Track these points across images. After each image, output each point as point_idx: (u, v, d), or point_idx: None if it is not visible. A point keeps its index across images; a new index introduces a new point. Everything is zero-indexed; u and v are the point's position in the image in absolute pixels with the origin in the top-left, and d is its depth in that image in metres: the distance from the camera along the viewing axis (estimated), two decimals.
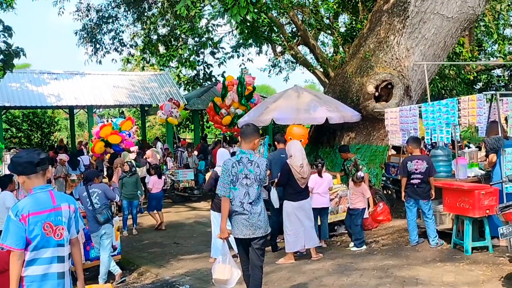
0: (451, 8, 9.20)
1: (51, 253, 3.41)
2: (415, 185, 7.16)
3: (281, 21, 18.69)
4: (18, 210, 3.34)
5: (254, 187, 4.73)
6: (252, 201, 4.71)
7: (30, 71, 21.52)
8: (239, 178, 4.72)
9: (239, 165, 4.74)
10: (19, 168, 3.48)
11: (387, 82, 9.43)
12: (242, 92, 13.41)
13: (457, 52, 14.68)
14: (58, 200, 3.51)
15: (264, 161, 4.89)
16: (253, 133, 4.89)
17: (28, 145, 24.55)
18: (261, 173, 4.77)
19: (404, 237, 7.75)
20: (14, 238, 3.30)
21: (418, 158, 7.21)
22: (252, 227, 4.72)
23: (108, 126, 13.81)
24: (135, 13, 18.06)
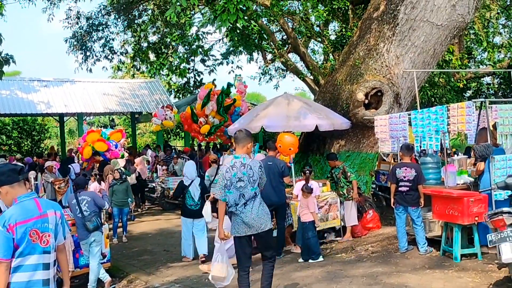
0: (441, 16, 9.27)
1: (37, 259, 3.40)
2: (404, 193, 7.17)
3: (271, 29, 18.78)
4: (5, 220, 3.30)
5: (248, 189, 5.00)
6: (246, 201, 5.00)
7: (20, 78, 21.40)
8: (233, 182, 4.99)
9: (233, 170, 5.02)
10: (2, 177, 3.45)
11: (376, 90, 9.47)
12: (221, 102, 13.48)
13: (447, 59, 14.80)
14: (44, 207, 3.51)
15: (257, 163, 5.14)
16: (246, 138, 5.17)
17: (19, 152, 24.33)
18: (254, 175, 5.02)
19: (394, 244, 7.74)
20: (1, 248, 3.27)
21: (407, 165, 7.23)
22: (247, 226, 5.00)
23: (96, 132, 13.69)
24: (125, 20, 18.03)
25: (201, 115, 13.46)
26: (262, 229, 5.03)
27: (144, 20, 18.35)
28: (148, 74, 19.82)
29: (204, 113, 13.42)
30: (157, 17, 17.45)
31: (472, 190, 7.10)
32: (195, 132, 13.77)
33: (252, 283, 5.50)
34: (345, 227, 8.85)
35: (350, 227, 8.80)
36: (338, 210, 8.73)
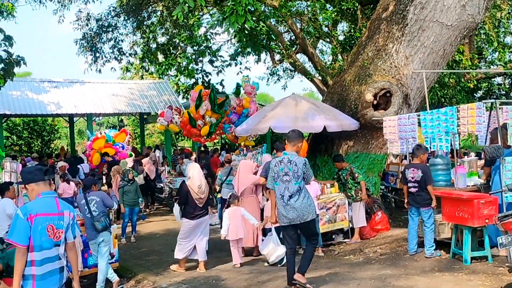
0: (451, 16, 9.18)
1: (53, 252, 3.88)
2: (414, 194, 7.12)
3: (279, 29, 18.74)
4: (27, 210, 3.76)
5: (292, 183, 5.61)
6: (291, 194, 5.61)
7: (31, 79, 21.57)
8: (280, 175, 5.67)
9: (280, 165, 5.71)
10: (29, 176, 3.94)
11: (385, 90, 9.40)
12: (214, 99, 13.50)
13: (457, 60, 14.66)
14: (62, 207, 3.97)
15: (302, 160, 5.71)
16: (298, 138, 5.82)
17: (29, 152, 24.53)
18: (298, 171, 5.61)
19: (403, 247, 7.68)
20: (19, 235, 3.71)
21: (415, 166, 7.17)
22: (289, 217, 5.63)
23: (101, 138, 13.81)
24: (135, 22, 18.11)
25: (198, 117, 13.49)
26: (305, 219, 5.64)
27: (153, 22, 18.41)
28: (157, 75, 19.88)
29: (200, 114, 13.45)
30: (166, 18, 17.49)
31: (483, 192, 7.03)
32: (196, 136, 13.81)
33: None
34: (353, 228, 8.80)
35: (358, 228, 8.75)
36: (346, 211, 8.69)
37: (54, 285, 3.91)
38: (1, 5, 12.01)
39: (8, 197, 7.97)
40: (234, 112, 14.01)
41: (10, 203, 7.89)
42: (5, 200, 7.90)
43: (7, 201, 7.87)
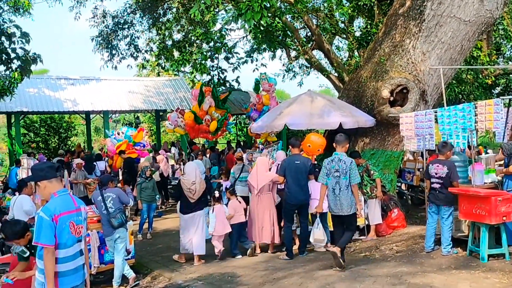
0: (468, 12, 9.05)
1: (75, 248, 3.95)
2: (436, 190, 7.02)
3: (295, 26, 18.67)
4: (50, 212, 3.80)
5: (341, 178, 6.58)
6: (341, 188, 6.57)
7: (48, 76, 21.84)
8: (331, 171, 6.66)
9: (332, 163, 6.71)
10: (41, 173, 3.93)
11: (402, 87, 9.31)
12: (217, 96, 13.52)
13: (475, 56, 14.47)
14: (78, 203, 4.05)
15: (349, 160, 6.69)
16: (345, 141, 6.89)
17: (46, 149, 24.85)
18: (346, 168, 6.57)
19: (419, 244, 7.62)
20: (47, 236, 3.75)
21: (440, 162, 7.05)
22: (337, 207, 6.63)
23: (124, 143, 13.98)
24: (150, 18, 18.20)
25: (202, 114, 13.52)
26: (348, 212, 6.60)
27: (169, 18, 18.46)
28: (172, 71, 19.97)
29: (204, 111, 13.47)
30: (181, 15, 17.54)
31: (500, 189, 6.94)
32: (203, 132, 13.85)
33: None
34: (369, 225, 8.76)
35: (374, 225, 8.71)
36: (362, 208, 8.64)
37: (78, 281, 3.97)
38: (18, 2, 12.15)
39: (25, 193, 8.11)
40: (255, 109, 14.04)
41: (27, 200, 8.02)
42: (22, 196, 8.03)
43: (24, 198, 8.01)
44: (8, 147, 21.99)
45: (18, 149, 18.12)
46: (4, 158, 22.06)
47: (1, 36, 12.38)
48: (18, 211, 7.91)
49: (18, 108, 17.84)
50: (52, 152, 23.72)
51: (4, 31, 12.40)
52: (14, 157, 17.78)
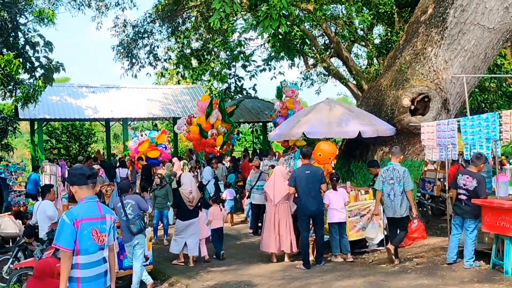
0: (493, 19, 8.88)
1: (98, 256, 3.98)
2: (463, 202, 6.84)
3: (313, 33, 18.64)
4: (73, 216, 3.87)
5: (395, 185, 7.39)
6: (395, 194, 7.38)
7: (69, 84, 22.25)
8: (387, 179, 7.47)
9: (388, 172, 7.52)
10: (73, 178, 4.03)
11: (423, 95, 9.15)
12: (224, 109, 13.54)
13: (498, 64, 14.20)
14: (104, 211, 4.09)
15: (402, 169, 7.49)
16: (400, 152, 7.75)
17: (67, 156, 25.21)
18: (400, 176, 7.39)
19: (440, 256, 7.45)
20: (66, 239, 3.82)
21: (470, 174, 6.85)
22: (392, 211, 7.44)
23: (146, 141, 14.08)
24: (170, 27, 18.40)
25: (208, 127, 13.54)
26: (401, 215, 7.40)
27: (188, 27, 18.63)
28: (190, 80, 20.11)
29: (210, 124, 13.49)
30: (200, 24, 17.69)
31: None
32: (209, 146, 13.90)
33: None
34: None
35: None
36: (381, 218, 8.50)
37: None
38: (42, 12, 12.41)
39: (48, 199, 8.25)
40: (280, 115, 14.01)
41: (50, 205, 8.17)
42: (45, 202, 8.18)
43: (47, 203, 8.16)
44: (31, 153, 22.38)
45: (40, 155, 18.43)
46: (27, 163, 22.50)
47: (26, 45, 12.67)
48: (41, 216, 8.03)
49: (41, 115, 18.18)
50: (73, 158, 24.05)
51: (28, 40, 12.68)
52: (37, 163, 18.06)
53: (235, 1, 8.27)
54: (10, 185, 13.78)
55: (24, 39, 12.76)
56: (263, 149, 22.05)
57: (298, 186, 7.72)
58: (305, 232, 7.80)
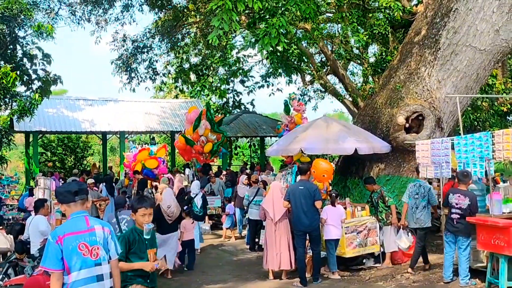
0: (484, 41, 9.11)
1: (89, 272, 3.71)
2: (454, 220, 6.96)
3: (310, 51, 18.88)
4: (55, 234, 3.71)
5: (420, 199, 7.97)
6: (418, 207, 7.96)
7: (67, 97, 22.24)
8: (413, 194, 8.04)
9: (414, 187, 8.08)
10: (60, 197, 3.88)
11: (418, 114, 9.33)
12: (212, 118, 13.62)
13: (490, 83, 14.44)
14: (92, 223, 3.85)
15: (428, 186, 8.13)
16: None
17: (62, 169, 25.10)
18: (424, 192, 7.94)
19: (436, 274, 7.52)
20: (52, 260, 3.65)
21: (461, 192, 7.01)
22: (415, 222, 7.99)
23: (146, 150, 14.10)
24: (169, 43, 18.58)
25: (196, 138, 13.64)
26: (422, 226, 7.92)
27: (187, 43, 18.81)
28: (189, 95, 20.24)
29: (198, 135, 13.60)
30: (199, 40, 17.88)
31: None
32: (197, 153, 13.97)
33: None
34: (384, 253, 8.67)
35: (390, 253, 8.61)
36: (377, 235, 8.58)
37: None
38: (41, 26, 12.51)
39: (41, 214, 8.15)
40: (287, 129, 14.11)
41: (43, 220, 8.06)
42: (38, 217, 8.08)
43: (40, 218, 8.05)
44: (25, 165, 22.29)
45: (35, 168, 18.35)
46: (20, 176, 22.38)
47: (24, 58, 12.73)
48: (34, 231, 7.95)
49: (37, 127, 18.12)
50: (68, 171, 23.96)
51: (26, 53, 12.75)
52: (31, 175, 17.98)
53: (233, 20, 8.40)
54: (2, 199, 13.58)
55: (22, 51, 12.82)
56: (260, 163, 22.12)
57: (292, 201, 7.80)
58: (300, 249, 7.83)
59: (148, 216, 4.47)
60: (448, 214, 7.09)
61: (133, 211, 4.56)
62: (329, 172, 9.00)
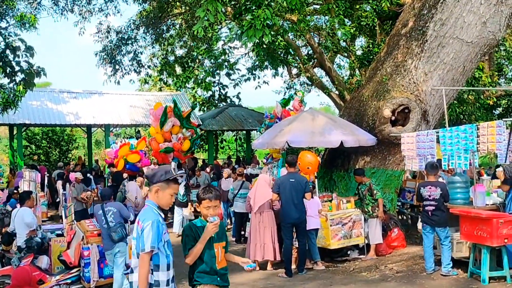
0: (471, 33, 9.13)
1: None
2: (429, 212, 7.02)
3: (297, 44, 18.84)
4: None
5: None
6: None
7: (50, 89, 21.92)
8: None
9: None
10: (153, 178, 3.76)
11: (404, 107, 9.35)
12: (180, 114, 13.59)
13: (476, 76, 14.54)
14: None
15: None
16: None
17: (47, 162, 24.84)
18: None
19: (419, 264, 7.57)
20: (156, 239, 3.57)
21: (432, 184, 7.08)
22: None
23: (126, 145, 13.94)
24: (154, 34, 18.38)
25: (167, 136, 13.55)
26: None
27: (172, 34, 18.62)
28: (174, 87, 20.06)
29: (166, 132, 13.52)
30: (184, 32, 17.71)
31: (502, 211, 6.92)
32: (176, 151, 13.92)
33: None
34: (369, 245, 8.71)
35: (374, 245, 8.66)
36: (362, 227, 8.61)
37: None
38: (24, 17, 12.28)
39: (27, 206, 8.10)
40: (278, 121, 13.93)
41: (29, 212, 8.03)
42: (24, 209, 8.04)
43: (25, 210, 8.01)
44: (9, 159, 22.00)
45: (19, 161, 18.12)
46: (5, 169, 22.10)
47: (6, 50, 12.49)
48: (19, 223, 7.89)
49: (21, 120, 17.87)
50: (53, 164, 23.72)
51: (9, 44, 12.51)
52: (15, 168, 17.75)
53: (219, 11, 8.31)
54: None
55: (4, 43, 12.58)
56: (246, 157, 22.08)
57: (282, 193, 7.78)
58: (288, 240, 7.85)
59: (213, 208, 3.91)
60: (423, 206, 7.15)
61: (198, 202, 4.02)
62: (314, 165, 8.97)
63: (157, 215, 3.64)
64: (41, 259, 7.40)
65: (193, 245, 3.83)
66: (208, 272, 3.92)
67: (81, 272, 7.37)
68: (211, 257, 3.92)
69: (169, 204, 3.77)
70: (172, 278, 3.72)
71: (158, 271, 3.62)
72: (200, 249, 3.83)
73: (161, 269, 3.63)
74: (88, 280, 7.25)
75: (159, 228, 3.57)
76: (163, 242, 3.63)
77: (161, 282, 3.62)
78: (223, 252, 4.06)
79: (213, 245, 3.94)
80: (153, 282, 3.60)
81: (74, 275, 7.37)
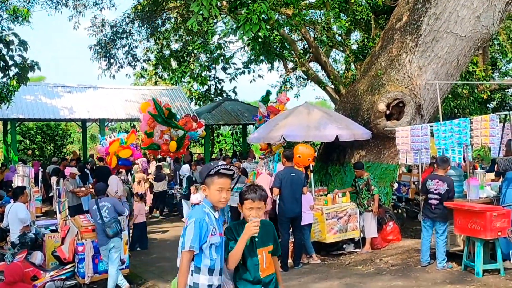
0: (465, 27, 9.15)
1: None
2: (433, 206, 7.04)
3: (293, 38, 18.80)
4: None
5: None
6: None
7: (45, 84, 21.81)
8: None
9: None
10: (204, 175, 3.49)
11: (398, 101, 9.38)
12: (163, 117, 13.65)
13: (470, 71, 14.58)
14: None
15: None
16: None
17: (41, 157, 24.74)
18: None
19: (414, 258, 7.62)
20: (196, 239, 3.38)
21: (440, 178, 7.07)
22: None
23: (116, 141, 13.91)
24: (149, 28, 18.29)
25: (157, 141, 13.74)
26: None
27: (167, 28, 18.54)
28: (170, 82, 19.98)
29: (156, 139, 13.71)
30: (179, 26, 17.64)
31: (496, 204, 6.97)
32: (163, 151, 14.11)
33: None
34: (364, 238, 8.76)
35: (370, 238, 8.70)
36: (358, 221, 8.66)
37: None
38: (17, 10, 12.18)
39: (21, 201, 8.06)
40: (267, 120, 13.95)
41: (22, 208, 7.98)
42: (17, 204, 7.99)
43: (19, 206, 7.97)
44: (3, 153, 21.91)
45: (13, 156, 18.05)
46: None
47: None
48: (13, 219, 7.86)
49: (15, 115, 17.78)
50: (48, 159, 23.64)
51: (2, 38, 12.41)
52: (9, 163, 17.69)
53: (213, 5, 8.27)
54: None
55: None
56: (243, 151, 22.09)
57: (283, 188, 7.74)
58: (286, 235, 7.83)
59: (256, 210, 3.46)
60: (426, 199, 7.16)
61: (240, 203, 3.57)
62: (313, 156, 8.96)
63: (203, 214, 3.38)
64: (35, 255, 7.37)
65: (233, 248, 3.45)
66: (251, 281, 3.50)
67: (76, 268, 7.33)
68: (254, 264, 3.49)
69: (220, 201, 3.41)
70: (218, 286, 3.42)
71: (198, 273, 3.37)
72: (238, 252, 3.41)
73: (202, 272, 3.36)
74: (82, 276, 7.23)
75: (202, 227, 3.32)
76: (208, 244, 3.34)
77: (201, 285, 3.35)
78: (269, 257, 3.59)
79: (256, 252, 3.51)
80: (192, 284, 3.37)
81: (68, 271, 7.35)
